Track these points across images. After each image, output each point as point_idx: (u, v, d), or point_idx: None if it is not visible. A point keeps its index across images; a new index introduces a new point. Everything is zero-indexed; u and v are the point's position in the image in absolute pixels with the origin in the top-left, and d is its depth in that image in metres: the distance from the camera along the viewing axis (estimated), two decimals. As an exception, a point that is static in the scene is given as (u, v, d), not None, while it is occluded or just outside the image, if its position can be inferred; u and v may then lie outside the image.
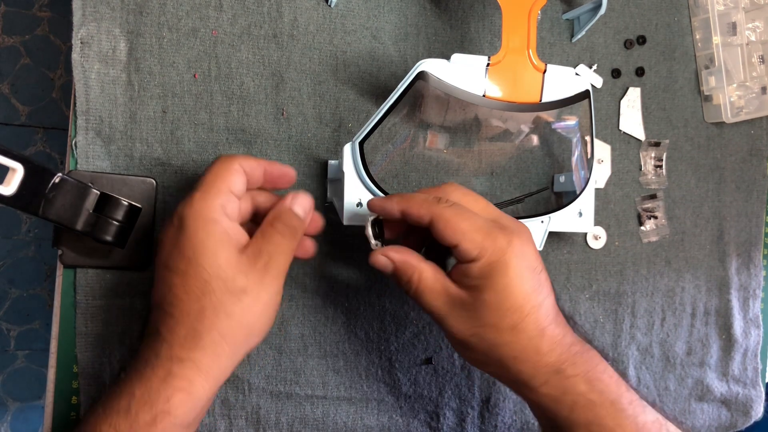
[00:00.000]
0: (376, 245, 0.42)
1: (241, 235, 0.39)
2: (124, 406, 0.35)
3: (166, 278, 0.37)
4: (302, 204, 0.41)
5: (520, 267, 0.39)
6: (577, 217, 0.53)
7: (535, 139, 0.56)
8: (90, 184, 0.40)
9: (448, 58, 0.44)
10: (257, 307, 0.38)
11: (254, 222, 0.42)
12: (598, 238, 0.60)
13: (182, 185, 0.47)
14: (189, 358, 0.36)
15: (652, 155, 0.62)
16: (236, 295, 0.37)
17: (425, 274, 0.41)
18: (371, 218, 0.42)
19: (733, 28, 0.61)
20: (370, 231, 0.42)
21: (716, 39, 0.61)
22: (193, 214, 0.38)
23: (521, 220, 0.50)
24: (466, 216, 0.40)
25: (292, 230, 0.40)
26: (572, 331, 0.42)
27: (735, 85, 0.62)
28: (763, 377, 0.68)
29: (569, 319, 0.44)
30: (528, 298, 0.39)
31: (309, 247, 0.45)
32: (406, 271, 0.41)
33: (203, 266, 0.37)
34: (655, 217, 0.62)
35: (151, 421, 0.35)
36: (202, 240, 0.37)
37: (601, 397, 0.40)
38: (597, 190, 0.59)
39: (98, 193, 0.40)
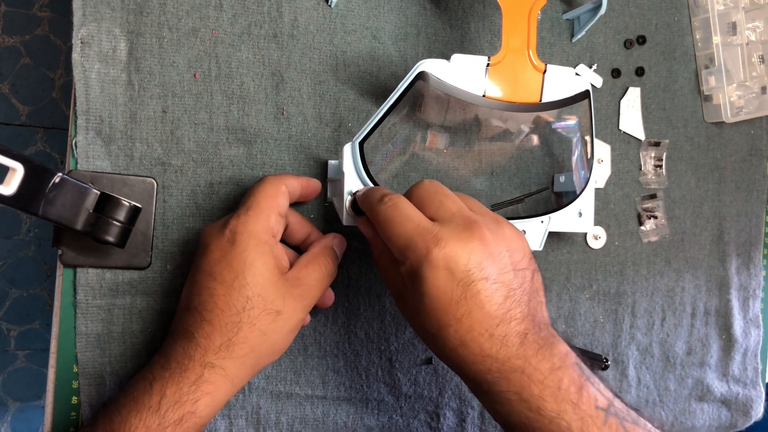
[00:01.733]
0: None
1: (285, 259, 0.43)
2: (154, 403, 0.37)
3: (210, 286, 0.40)
4: (341, 246, 0.47)
5: (437, 278, 0.37)
6: (577, 217, 0.53)
7: (535, 139, 0.56)
8: (90, 184, 0.40)
9: (448, 58, 0.44)
10: (286, 329, 0.42)
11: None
12: (598, 238, 0.60)
13: (182, 185, 0.47)
14: (220, 366, 0.39)
15: (652, 155, 0.62)
16: (272, 315, 0.40)
17: (385, 255, 0.41)
18: (350, 196, 0.45)
19: (733, 28, 0.61)
20: (349, 207, 0.45)
21: (716, 39, 0.61)
22: (246, 233, 0.40)
23: (521, 221, 0.50)
24: (398, 220, 0.39)
25: (330, 269, 0.44)
26: (515, 348, 0.37)
27: (735, 85, 0.62)
28: (763, 377, 0.68)
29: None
30: (445, 310, 0.37)
31: (330, 297, 0.48)
32: (372, 242, 0.43)
33: (249, 284, 0.40)
34: (655, 217, 0.62)
35: (178, 420, 0.37)
36: (252, 259, 0.40)
37: (537, 415, 0.37)
38: (597, 190, 0.59)
39: (98, 193, 0.40)
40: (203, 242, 0.42)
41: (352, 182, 0.45)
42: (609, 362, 0.59)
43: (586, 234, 0.59)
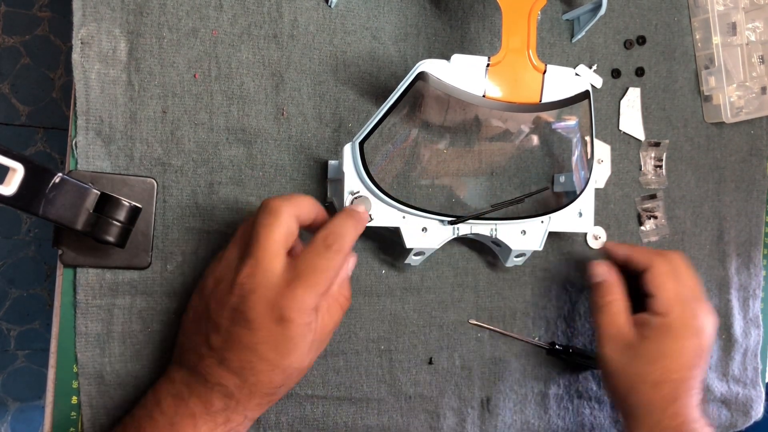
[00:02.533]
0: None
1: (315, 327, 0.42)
2: None
3: (252, 361, 0.39)
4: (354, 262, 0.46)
5: (690, 343, 0.48)
6: (577, 217, 0.53)
7: (535, 139, 0.56)
8: (90, 184, 0.40)
9: (448, 58, 0.44)
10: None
11: None
12: (597, 238, 0.60)
13: (182, 185, 0.47)
14: (252, 417, 0.41)
15: (652, 155, 0.62)
16: (303, 372, 0.42)
17: (618, 304, 0.51)
18: (351, 196, 0.45)
19: (733, 28, 0.61)
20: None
21: (716, 39, 0.61)
22: (298, 317, 0.39)
23: (521, 221, 0.50)
24: (674, 279, 0.49)
25: (349, 303, 0.44)
26: (699, 414, 0.48)
27: (735, 85, 0.62)
28: (763, 377, 0.68)
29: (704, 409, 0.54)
30: (680, 369, 0.48)
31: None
32: (610, 290, 0.51)
33: (293, 365, 0.40)
34: (655, 217, 0.62)
35: None
36: (298, 344, 0.39)
37: None
38: (597, 190, 0.59)
39: (98, 193, 0.40)
40: (246, 315, 0.38)
41: (352, 182, 0.45)
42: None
43: (586, 234, 0.59)
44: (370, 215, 0.45)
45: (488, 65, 0.44)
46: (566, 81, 0.47)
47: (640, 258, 0.51)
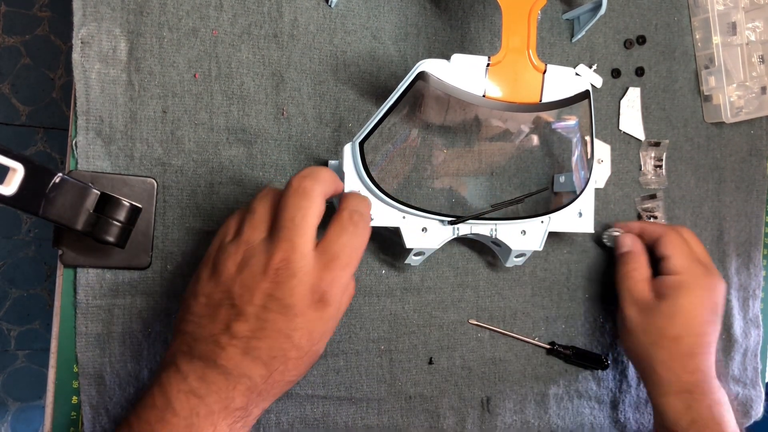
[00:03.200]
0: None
1: None
2: None
3: (287, 350, 0.38)
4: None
5: (705, 298, 0.52)
6: (577, 217, 0.53)
7: (535, 139, 0.56)
8: (90, 184, 0.40)
9: (448, 58, 0.44)
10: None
11: None
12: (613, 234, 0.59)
13: (182, 185, 0.47)
14: (264, 408, 0.40)
15: (652, 155, 0.62)
16: (314, 362, 0.41)
17: (642, 271, 0.55)
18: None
19: (733, 28, 0.61)
20: None
21: (716, 39, 0.61)
22: (337, 299, 0.39)
23: (521, 221, 0.50)
24: (685, 243, 0.55)
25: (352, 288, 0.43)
26: (715, 373, 0.53)
27: (735, 85, 0.62)
28: (763, 377, 0.68)
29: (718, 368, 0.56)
30: (696, 323, 0.52)
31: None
32: (635, 258, 0.56)
33: (319, 352, 0.40)
34: (655, 217, 0.62)
35: None
36: (330, 328, 0.40)
37: (718, 427, 0.50)
38: (597, 190, 0.59)
39: (98, 193, 0.40)
40: (285, 301, 0.37)
41: (352, 182, 0.45)
42: (609, 362, 0.60)
43: (603, 235, 0.60)
44: (369, 215, 0.45)
45: (488, 65, 0.44)
46: (566, 81, 0.47)
47: (653, 230, 0.56)
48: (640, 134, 0.61)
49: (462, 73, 0.44)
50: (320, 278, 0.38)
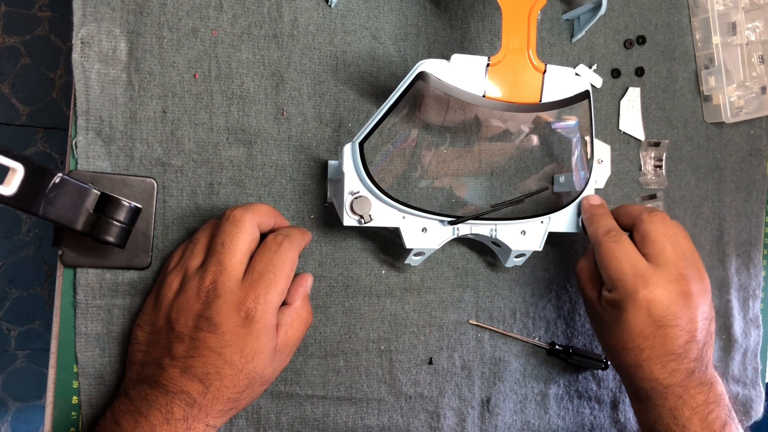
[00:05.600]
0: (359, 220, 0.45)
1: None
2: None
3: (218, 365, 0.40)
4: (311, 285, 0.47)
5: (638, 315, 0.46)
6: (577, 217, 0.53)
7: (535, 139, 0.56)
8: (90, 185, 0.40)
9: (448, 58, 0.44)
10: (267, 387, 0.45)
11: None
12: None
13: (182, 185, 0.47)
14: (214, 425, 0.41)
15: (652, 155, 0.62)
16: (265, 385, 0.43)
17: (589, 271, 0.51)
18: (351, 196, 0.45)
19: (732, 28, 0.61)
20: (350, 207, 0.45)
21: (716, 39, 0.61)
22: (263, 321, 0.40)
23: (521, 221, 0.50)
24: (618, 256, 0.47)
25: (310, 320, 0.45)
26: (679, 379, 0.47)
27: (735, 85, 0.62)
28: (763, 377, 0.68)
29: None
30: (635, 339, 0.46)
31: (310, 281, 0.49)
32: (586, 255, 0.52)
33: (256, 369, 0.41)
34: (655, 217, 0.62)
35: None
36: (262, 346, 0.41)
37: (682, 430, 0.46)
38: (597, 190, 0.59)
39: (98, 193, 0.40)
40: (213, 319, 0.40)
41: (352, 182, 0.45)
42: (609, 362, 0.60)
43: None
44: (369, 215, 0.45)
45: (488, 65, 0.44)
46: (566, 81, 0.47)
47: (590, 233, 0.50)
48: (640, 134, 0.61)
49: (462, 73, 0.44)
50: (245, 296, 0.40)
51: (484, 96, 0.44)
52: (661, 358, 0.47)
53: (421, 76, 0.43)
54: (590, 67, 0.59)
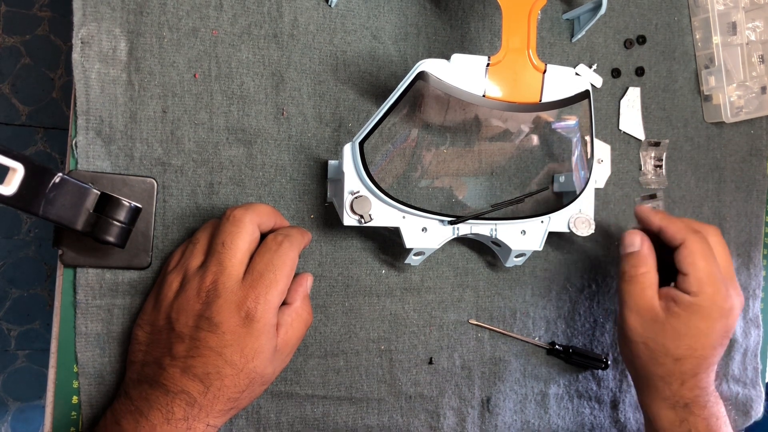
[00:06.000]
0: (359, 220, 0.45)
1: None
2: None
3: (218, 365, 0.40)
4: (311, 284, 0.47)
5: (719, 324, 0.47)
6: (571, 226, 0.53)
7: (535, 139, 0.56)
8: (90, 184, 0.40)
9: (448, 58, 0.44)
10: (268, 387, 0.46)
11: None
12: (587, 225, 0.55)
13: (182, 185, 0.47)
14: (214, 425, 0.41)
15: (652, 155, 0.62)
16: (265, 384, 0.43)
17: (650, 276, 0.49)
18: (351, 196, 0.45)
19: (733, 28, 0.61)
20: (350, 207, 0.45)
21: (716, 39, 0.61)
22: (264, 320, 0.40)
23: (521, 221, 0.50)
24: (708, 258, 0.48)
25: (310, 320, 0.45)
26: (714, 389, 0.50)
27: (735, 85, 0.62)
28: (763, 377, 0.68)
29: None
30: (705, 347, 0.48)
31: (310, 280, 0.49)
32: (643, 261, 0.50)
33: (256, 368, 0.41)
34: (655, 217, 0.62)
35: None
36: (262, 345, 0.41)
37: (683, 412, 0.49)
38: (597, 190, 0.59)
39: (98, 193, 0.40)
40: (213, 319, 0.40)
41: (352, 182, 0.45)
42: (609, 362, 0.60)
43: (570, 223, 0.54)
44: (369, 215, 0.45)
45: (488, 65, 0.44)
46: (566, 81, 0.47)
47: (675, 233, 0.49)
48: (640, 134, 0.61)
49: (462, 73, 0.44)
50: (245, 296, 0.40)
51: (484, 96, 0.44)
52: (714, 366, 0.49)
53: (421, 75, 0.43)
54: (590, 67, 0.59)
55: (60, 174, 0.39)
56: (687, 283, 0.48)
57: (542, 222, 0.51)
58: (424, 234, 0.48)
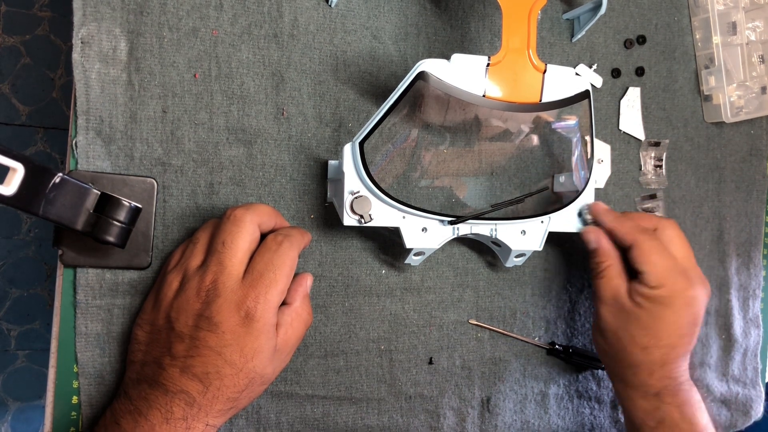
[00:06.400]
0: (359, 220, 0.45)
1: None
2: None
3: (218, 365, 0.40)
4: (311, 285, 0.47)
5: (684, 312, 0.49)
6: (577, 217, 0.53)
7: (535, 139, 0.56)
8: (90, 184, 0.40)
9: (448, 58, 0.44)
10: (268, 387, 0.45)
11: None
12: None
13: (182, 185, 0.47)
14: (214, 424, 0.41)
15: (652, 155, 0.62)
16: (264, 385, 0.43)
17: (614, 269, 0.51)
18: (351, 196, 0.45)
19: (733, 28, 0.61)
20: (350, 207, 0.45)
21: (716, 39, 0.61)
22: (264, 320, 0.40)
23: (521, 221, 0.50)
24: (662, 253, 0.49)
25: (309, 320, 0.45)
26: (687, 376, 0.51)
27: (735, 85, 0.62)
28: (763, 377, 0.68)
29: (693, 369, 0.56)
30: (671, 336, 0.49)
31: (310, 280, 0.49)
32: (605, 255, 0.51)
33: (256, 368, 0.41)
34: (655, 217, 0.62)
35: None
36: (262, 345, 0.41)
37: (689, 426, 0.49)
38: (597, 190, 0.59)
39: (98, 193, 0.40)
40: (213, 319, 0.40)
41: (352, 182, 0.45)
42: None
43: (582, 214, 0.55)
44: (369, 215, 0.45)
45: (488, 65, 0.44)
46: (566, 81, 0.47)
47: (624, 235, 0.50)
48: (640, 134, 0.61)
49: (462, 73, 0.44)
50: (245, 295, 0.40)
51: (484, 96, 0.44)
52: (685, 355, 0.50)
53: (422, 75, 0.43)
54: (590, 67, 0.59)
55: (60, 174, 0.39)
56: (646, 279, 0.49)
57: (542, 222, 0.51)
58: (424, 234, 0.48)
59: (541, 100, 0.46)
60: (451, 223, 0.48)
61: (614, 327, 0.50)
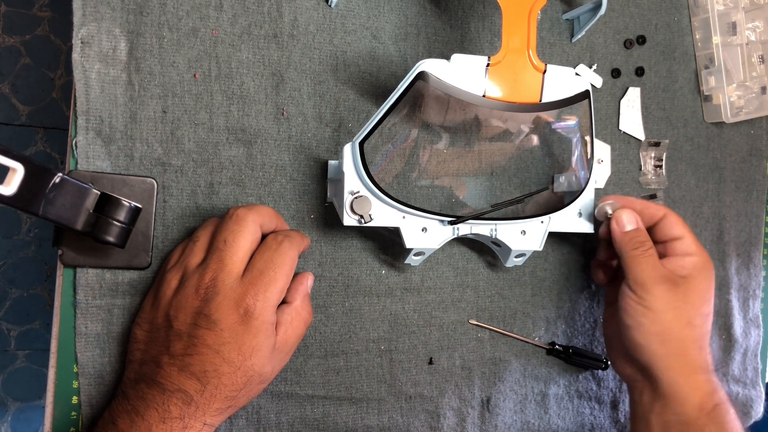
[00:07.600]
0: (359, 220, 0.45)
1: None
2: None
3: (216, 363, 0.40)
4: (312, 284, 0.47)
5: (712, 279, 0.50)
6: (577, 217, 0.53)
7: (535, 139, 0.56)
8: (90, 184, 0.40)
9: (448, 58, 0.44)
10: (266, 386, 0.45)
11: None
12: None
13: (182, 185, 0.47)
14: (211, 423, 0.41)
15: (652, 155, 0.62)
16: (263, 384, 0.43)
17: (654, 248, 0.50)
18: (351, 196, 0.45)
19: (733, 28, 0.61)
20: (350, 207, 0.45)
21: (716, 39, 0.61)
22: (262, 318, 0.40)
23: (521, 221, 0.50)
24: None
25: (310, 319, 0.45)
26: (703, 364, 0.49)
27: (735, 85, 0.62)
28: (763, 377, 0.68)
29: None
30: (706, 305, 0.49)
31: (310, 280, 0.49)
32: (645, 236, 0.50)
33: (254, 366, 0.41)
34: (655, 217, 0.62)
35: None
36: (261, 343, 0.41)
37: (732, 415, 0.48)
38: (597, 190, 0.59)
39: (98, 193, 0.40)
40: (211, 317, 0.40)
41: (352, 182, 0.45)
42: (609, 362, 0.60)
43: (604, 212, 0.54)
44: (369, 215, 0.45)
45: (488, 65, 0.44)
46: (566, 81, 0.47)
47: (657, 210, 0.52)
48: (640, 134, 0.61)
49: (462, 73, 0.44)
50: (244, 293, 0.40)
51: (484, 96, 0.44)
52: (705, 337, 0.50)
53: (421, 75, 0.43)
54: (590, 67, 0.59)
55: (60, 174, 0.39)
56: (685, 245, 0.50)
57: (542, 222, 0.51)
58: (424, 234, 0.48)
59: (541, 101, 0.46)
60: (451, 223, 0.48)
61: (672, 303, 0.48)
